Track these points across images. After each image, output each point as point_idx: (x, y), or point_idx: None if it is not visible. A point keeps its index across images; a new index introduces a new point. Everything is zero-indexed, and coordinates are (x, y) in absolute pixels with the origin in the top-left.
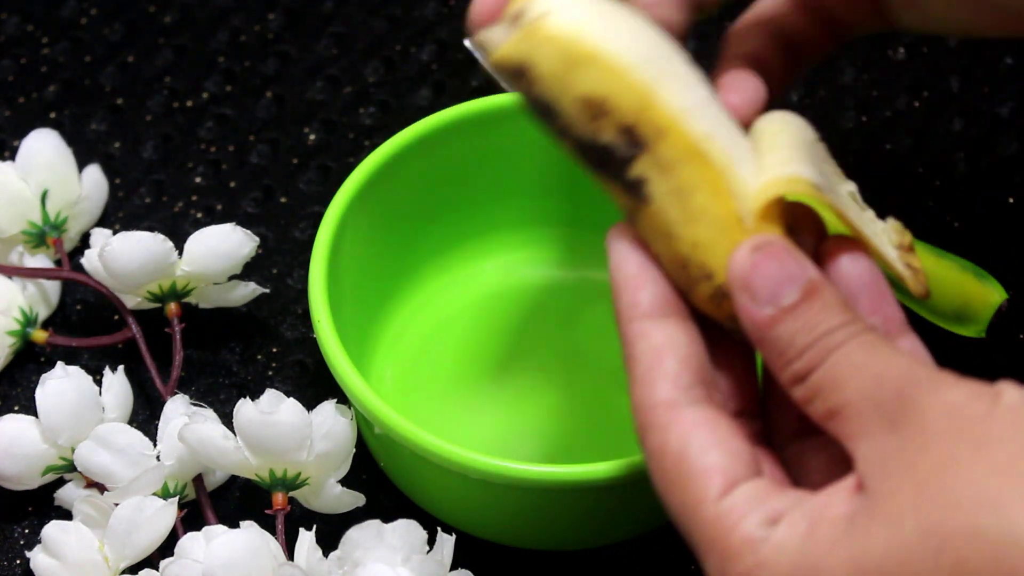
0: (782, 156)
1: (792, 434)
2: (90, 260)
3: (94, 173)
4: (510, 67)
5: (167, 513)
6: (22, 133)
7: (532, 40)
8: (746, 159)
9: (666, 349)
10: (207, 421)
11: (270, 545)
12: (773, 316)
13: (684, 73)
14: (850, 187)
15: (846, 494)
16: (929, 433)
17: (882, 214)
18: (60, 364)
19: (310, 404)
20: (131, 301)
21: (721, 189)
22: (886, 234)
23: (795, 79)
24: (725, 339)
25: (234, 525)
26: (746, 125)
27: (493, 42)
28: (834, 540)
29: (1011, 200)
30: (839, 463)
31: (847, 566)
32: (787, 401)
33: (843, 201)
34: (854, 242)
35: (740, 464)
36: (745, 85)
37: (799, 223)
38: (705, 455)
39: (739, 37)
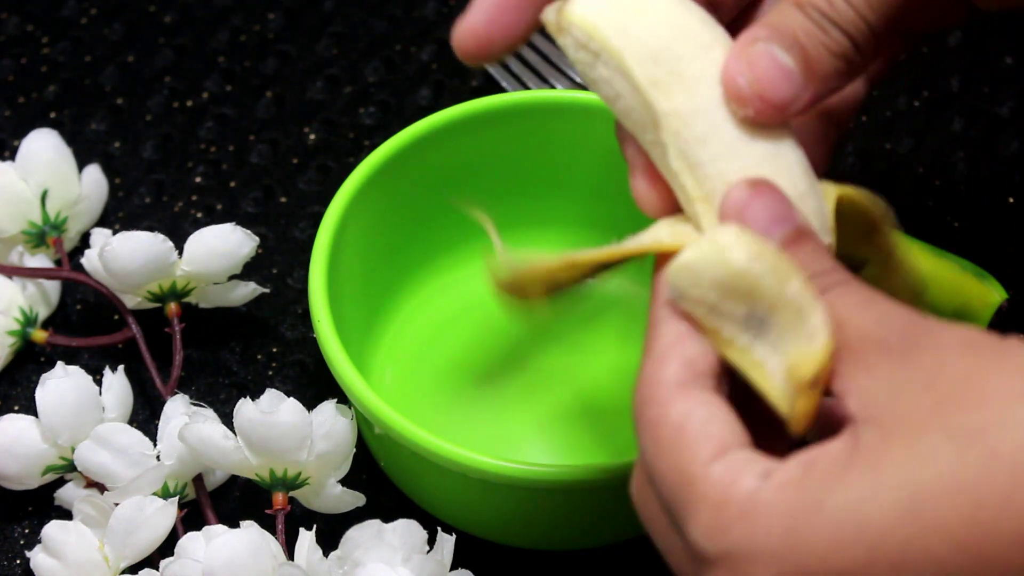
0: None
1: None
2: (90, 260)
3: (94, 173)
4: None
5: (167, 513)
6: (22, 133)
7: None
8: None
9: (690, 336)
10: (207, 421)
11: (270, 545)
12: None
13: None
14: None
15: (843, 438)
16: (946, 353)
17: None
18: (60, 364)
19: (310, 404)
20: (131, 301)
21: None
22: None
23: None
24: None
25: (234, 525)
26: None
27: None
28: (839, 472)
29: (1011, 200)
30: None
31: (865, 486)
32: None
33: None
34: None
35: (738, 437)
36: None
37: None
38: (706, 425)
39: None
